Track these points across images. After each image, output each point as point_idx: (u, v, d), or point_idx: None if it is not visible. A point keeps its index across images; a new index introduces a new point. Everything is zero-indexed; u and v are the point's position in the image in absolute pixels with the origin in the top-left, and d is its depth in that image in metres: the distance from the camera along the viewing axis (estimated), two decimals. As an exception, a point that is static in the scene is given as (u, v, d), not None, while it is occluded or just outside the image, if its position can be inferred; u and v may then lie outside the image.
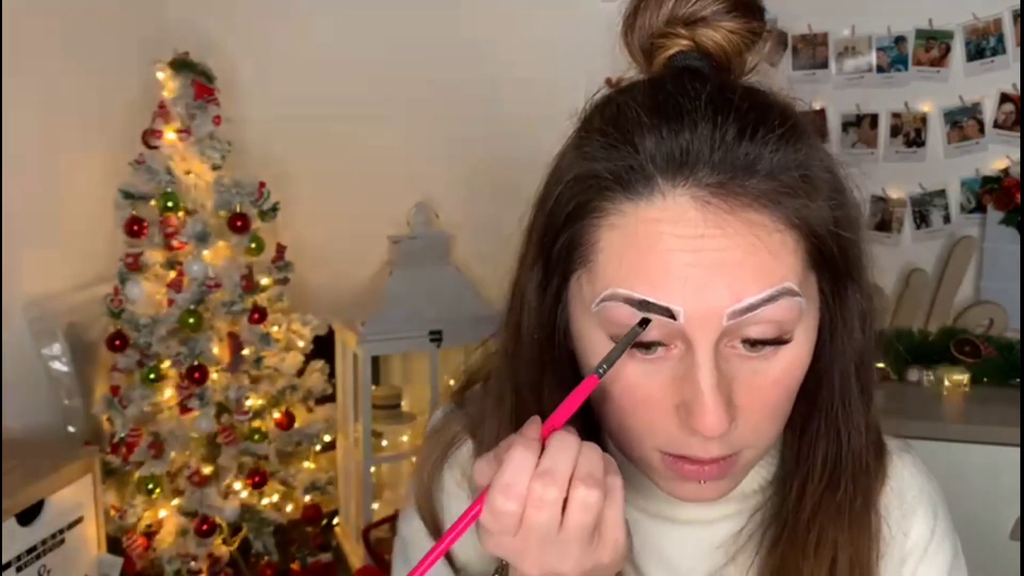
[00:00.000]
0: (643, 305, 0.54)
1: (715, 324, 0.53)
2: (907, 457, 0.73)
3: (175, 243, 1.97)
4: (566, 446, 0.53)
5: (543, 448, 0.53)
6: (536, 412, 0.63)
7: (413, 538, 0.73)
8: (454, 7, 2.29)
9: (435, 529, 0.72)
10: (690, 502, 0.61)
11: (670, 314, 0.53)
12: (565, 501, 0.52)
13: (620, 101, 0.58)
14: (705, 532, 0.69)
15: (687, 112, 0.55)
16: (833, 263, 0.58)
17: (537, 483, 0.52)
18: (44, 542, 1.63)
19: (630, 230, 0.54)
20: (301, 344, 2.13)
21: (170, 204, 1.96)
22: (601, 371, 0.55)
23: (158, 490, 1.96)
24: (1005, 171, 2.09)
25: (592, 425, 0.63)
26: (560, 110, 0.65)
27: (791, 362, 0.57)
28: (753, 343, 0.55)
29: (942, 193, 2.16)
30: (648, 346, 0.56)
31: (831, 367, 0.63)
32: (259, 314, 2.01)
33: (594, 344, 0.58)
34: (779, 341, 0.56)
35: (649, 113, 0.56)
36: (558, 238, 0.58)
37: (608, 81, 0.64)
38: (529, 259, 0.62)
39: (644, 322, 0.54)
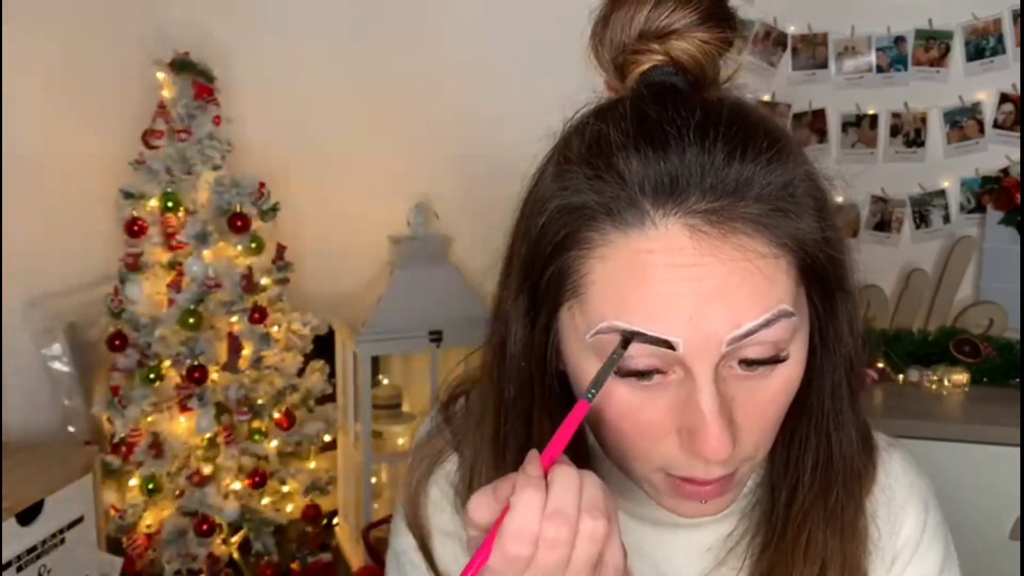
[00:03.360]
0: (641, 338, 0.53)
1: (714, 351, 0.53)
2: (896, 452, 0.73)
3: (175, 243, 1.97)
4: (570, 481, 0.52)
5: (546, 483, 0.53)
6: (524, 434, 0.63)
7: (405, 551, 0.74)
8: (456, 8, 2.29)
9: (422, 541, 0.72)
10: (692, 518, 0.62)
11: (670, 346, 0.53)
12: None
13: (600, 127, 0.57)
14: (695, 535, 0.69)
15: (673, 137, 0.54)
16: (823, 276, 0.58)
17: (550, 525, 0.51)
18: (44, 542, 1.63)
19: (622, 262, 0.53)
20: (301, 344, 2.14)
21: (170, 204, 1.96)
22: (590, 395, 0.55)
23: (158, 490, 1.96)
24: (1005, 171, 2.09)
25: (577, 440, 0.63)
26: (561, 111, 0.64)
27: (787, 378, 0.57)
28: (750, 363, 0.55)
29: (942, 193, 2.16)
30: (645, 374, 0.55)
31: (822, 374, 0.63)
32: (259, 314, 2.01)
33: (590, 372, 0.57)
34: (776, 360, 0.56)
35: (634, 140, 0.55)
36: (545, 269, 0.57)
37: (609, 84, 0.64)
38: (513, 288, 0.61)
39: (626, 344, 0.53)
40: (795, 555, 0.65)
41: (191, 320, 1.93)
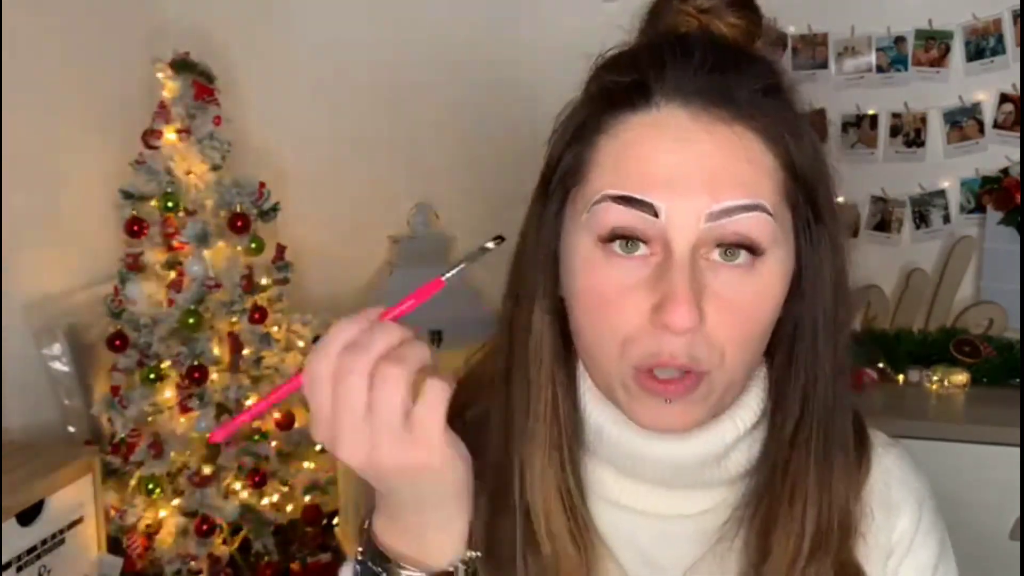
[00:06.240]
0: (626, 200, 0.57)
1: (693, 224, 0.56)
2: (893, 451, 0.73)
3: (175, 243, 1.97)
4: (387, 330, 0.53)
5: None
6: (544, 397, 0.64)
7: None
8: (456, 8, 2.29)
9: None
10: (659, 431, 0.61)
11: (652, 210, 0.56)
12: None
13: (625, 48, 0.64)
14: (687, 525, 0.68)
15: (688, 45, 0.60)
16: (810, 202, 0.61)
17: (346, 353, 0.53)
18: (44, 542, 1.63)
19: (623, 137, 0.58)
20: (301, 344, 2.14)
21: (170, 204, 1.96)
22: (445, 276, 0.58)
23: (158, 490, 1.96)
24: (1005, 171, 2.09)
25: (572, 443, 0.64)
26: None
27: (764, 285, 0.59)
28: (727, 249, 0.57)
29: (942, 193, 2.16)
30: (629, 241, 0.57)
31: (802, 318, 0.63)
32: (259, 314, 2.01)
33: (578, 249, 0.60)
34: (753, 248, 0.57)
35: (653, 45, 0.61)
36: (560, 163, 0.62)
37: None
38: (538, 200, 0.64)
39: (499, 239, 0.59)
40: (781, 496, 0.65)
41: (191, 320, 1.93)
